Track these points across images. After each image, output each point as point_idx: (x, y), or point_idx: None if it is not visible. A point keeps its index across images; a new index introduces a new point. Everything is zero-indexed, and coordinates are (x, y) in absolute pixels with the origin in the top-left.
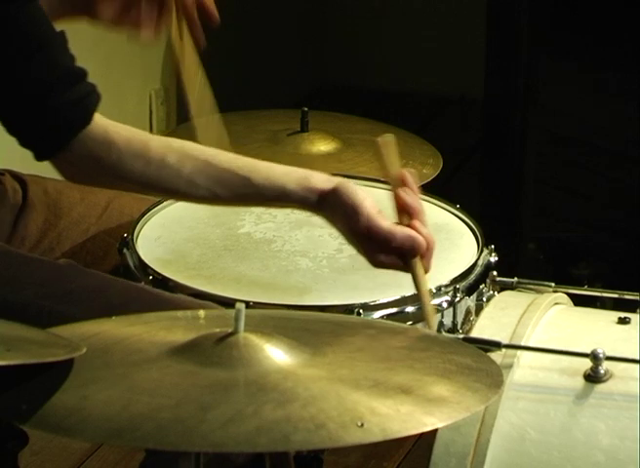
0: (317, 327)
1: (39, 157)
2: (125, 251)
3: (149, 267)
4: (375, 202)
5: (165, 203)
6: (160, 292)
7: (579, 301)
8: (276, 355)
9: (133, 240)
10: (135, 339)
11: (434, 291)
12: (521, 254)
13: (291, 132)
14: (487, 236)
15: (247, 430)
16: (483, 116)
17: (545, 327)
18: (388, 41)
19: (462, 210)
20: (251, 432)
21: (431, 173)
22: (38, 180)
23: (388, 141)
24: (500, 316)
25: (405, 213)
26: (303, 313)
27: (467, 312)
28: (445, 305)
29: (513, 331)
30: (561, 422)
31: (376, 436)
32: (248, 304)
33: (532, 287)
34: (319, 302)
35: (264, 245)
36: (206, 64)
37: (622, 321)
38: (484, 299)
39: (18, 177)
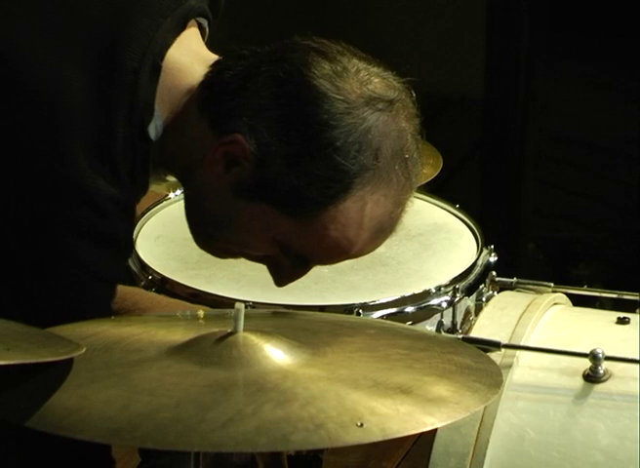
0: (317, 326)
1: None
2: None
3: (149, 267)
4: None
5: (164, 202)
6: (159, 297)
7: (578, 301)
8: (276, 355)
9: (132, 239)
10: (134, 339)
11: (434, 290)
12: (520, 255)
13: None
14: (487, 236)
15: (246, 430)
16: (483, 116)
17: (545, 327)
18: (388, 41)
19: (462, 209)
20: (250, 432)
21: (431, 173)
22: None
23: None
24: (499, 316)
25: None
26: (303, 313)
27: (467, 312)
28: (444, 305)
29: (512, 330)
30: (560, 422)
31: (375, 436)
32: (247, 304)
33: (531, 287)
34: (318, 302)
35: None
36: None
37: (622, 321)
38: (483, 299)
39: None
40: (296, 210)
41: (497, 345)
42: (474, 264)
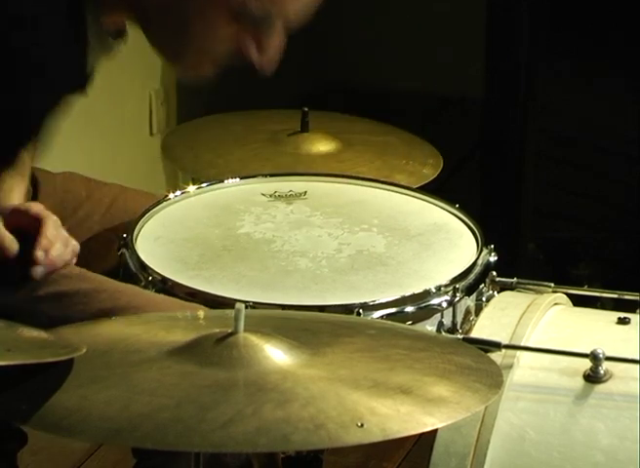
0: (317, 327)
1: None
2: (124, 251)
3: (149, 268)
4: None
5: (164, 203)
6: (153, 295)
7: (578, 302)
8: (276, 355)
9: (132, 240)
10: (135, 340)
11: (434, 290)
12: (520, 254)
13: (291, 132)
14: (487, 236)
15: (247, 430)
16: (483, 116)
17: (545, 327)
18: (388, 41)
19: (462, 209)
20: (250, 432)
21: (431, 173)
22: (48, 177)
23: None
24: (499, 316)
25: None
26: (303, 313)
27: (467, 312)
28: (445, 305)
29: (513, 331)
30: (561, 423)
31: (375, 436)
32: (247, 304)
33: (531, 287)
34: (318, 302)
35: (264, 245)
36: None
37: (622, 321)
38: (483, 299)
39: (30, 175)
40: None
41: (497, 345)
42: (474, 264)
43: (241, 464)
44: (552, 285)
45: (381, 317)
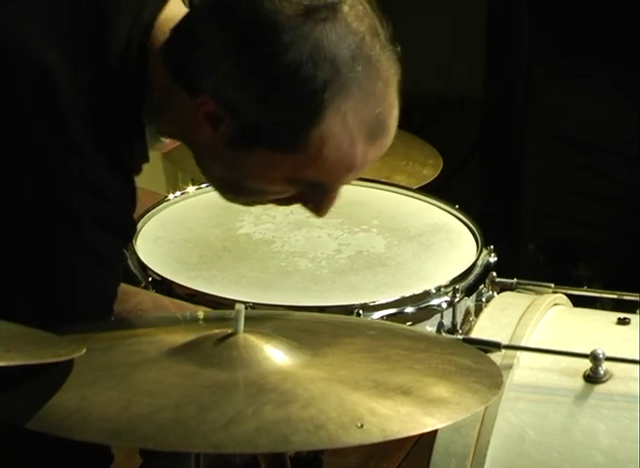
0: (317, 327)
1: None
2: (124, 251)
3: (149, 268)
4: None
5: (164, 204)
6: (161, 298)
7: (578, 302)
8: (276, 356)
9: (132, 241)
10: (135, 340)
11: (433, 291)
12: (520, 255)
13: None
14: (486, 236)
15: (247, 431)
16: (483, 116)
17: (545, 327)
18: None
19: (461, 210)
20: (251, 433)
21: (431, 173)
22: None
23: None
24: (499, 317)
25: None
26: (303, 314)
27: (467, 313)
28: (444, 306)
29: (513, 331)
30: (561, 423)
31: (375, 437)
32: (247, 305)
33: (531, 287)
34: (318, 303)
35: (264, 245)
36: None
37: (622, 321)
38: (483, 300)
39: None
40: (285, 144)
41: (497, 346)
42: (474, 265)
43: (248, 463)
44: (552, 285)
45: (381, 318)
